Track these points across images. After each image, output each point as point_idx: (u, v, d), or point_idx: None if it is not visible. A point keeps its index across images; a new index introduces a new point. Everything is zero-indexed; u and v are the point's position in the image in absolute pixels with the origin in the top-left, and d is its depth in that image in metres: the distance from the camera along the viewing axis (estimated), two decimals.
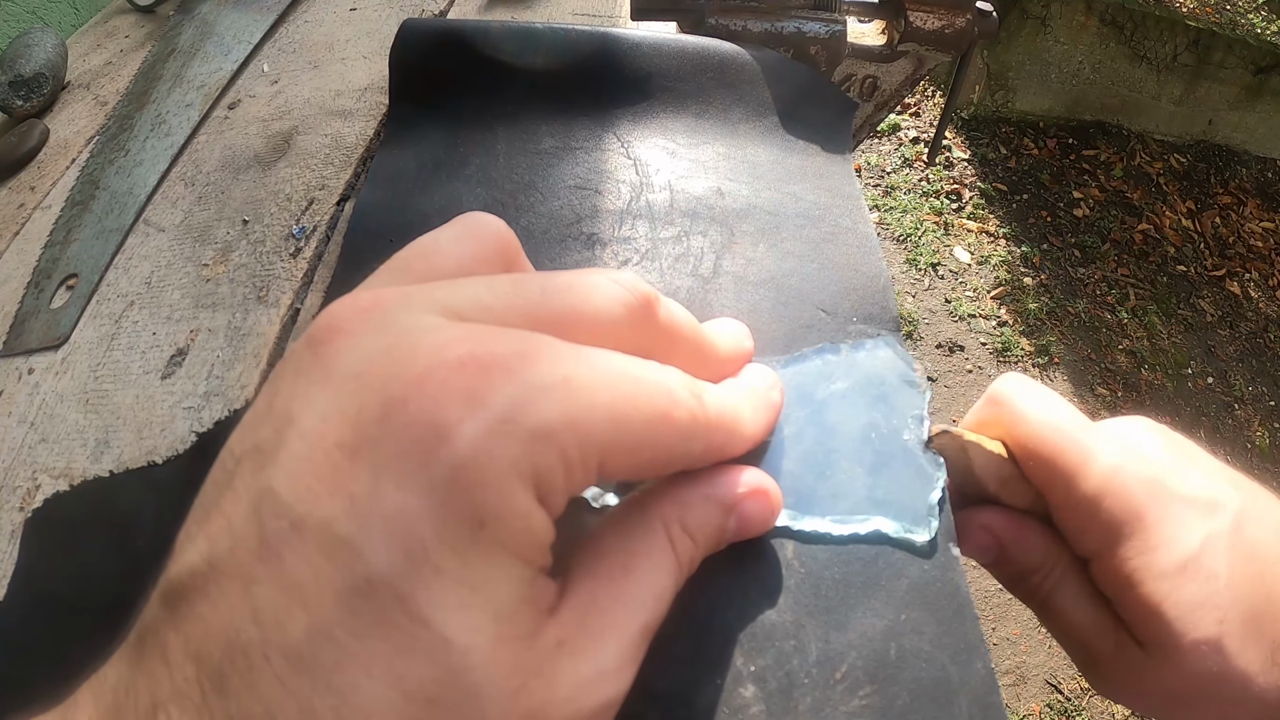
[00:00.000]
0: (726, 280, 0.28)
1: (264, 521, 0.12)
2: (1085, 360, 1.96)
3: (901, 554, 0.20)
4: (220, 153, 0.40)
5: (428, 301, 0.14)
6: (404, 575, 0.12)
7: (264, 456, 0.13)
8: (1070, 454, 0.21)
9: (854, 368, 0.23)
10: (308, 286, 0.32)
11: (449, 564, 0.12)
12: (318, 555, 0.12)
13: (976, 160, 2.39)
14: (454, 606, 0.12)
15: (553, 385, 0.13)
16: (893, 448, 0.21)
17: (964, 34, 0.45)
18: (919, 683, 0.18)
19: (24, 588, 0.24)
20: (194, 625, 0.12)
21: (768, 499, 0.18)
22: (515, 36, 0.35)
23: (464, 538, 0.12)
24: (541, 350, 0.14)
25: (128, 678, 0.12)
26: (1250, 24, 2.69)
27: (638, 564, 0.16)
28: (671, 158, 0.32)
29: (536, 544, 0.13)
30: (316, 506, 0.12)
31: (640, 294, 0.16)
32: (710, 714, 0.18)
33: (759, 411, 0.19)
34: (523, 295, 0.15)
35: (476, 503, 0.12)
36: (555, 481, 0.13)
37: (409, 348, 0.13)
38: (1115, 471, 0.21)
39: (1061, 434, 0.22)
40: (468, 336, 0.13)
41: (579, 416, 0.13)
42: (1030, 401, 0.22)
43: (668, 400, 0.15)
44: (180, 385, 0.29)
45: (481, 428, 0.12)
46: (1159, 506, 0.21)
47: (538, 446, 0.13)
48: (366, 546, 0.12)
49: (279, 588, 0.12)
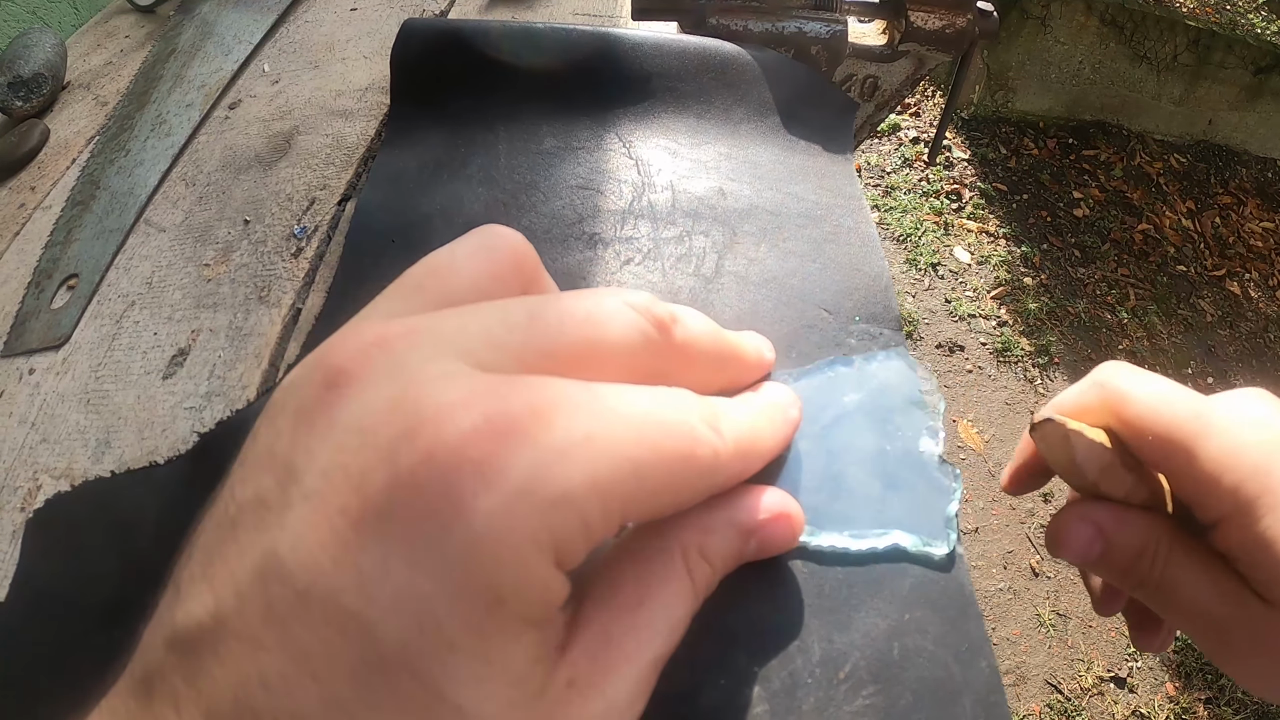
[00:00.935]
0: (728, 280, 0.28)
1: (269, 587, 0.12)
2: (1085, 360, 1.96)
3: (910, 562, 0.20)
4: (221, 153, 0.40)
5: (436, 343, 0.14)
6: (418, 652, 0.12)
7: (267, 512, 0.12)
8: (1187, 423, 0.21)
9: (867, 380, 0.23)
10: (309, 286, 0.32)
11: (465, 641, 0.12)
12: (326, 628, 0.12)
13: (976, 160, 2.39)
14: (470, 681, 0.12)
15: (573, 446, 0.12)
16: (908, 460, 0.21)
17: (964, 34, 0.45)
18: (923, 682, 0.18)
19: (25, 588, 0.24)
20: (205, 681, 0.12)
21: (789, 522, 0.18)
22: (516, 36, 0.35)
23: (479, 614, 0.12)
24: (559, 404, 0.13)
25: (136, 717, 0.12)
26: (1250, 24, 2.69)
27: (653, 594, 0.15)
28: (673, 158, 0.32)
29: (553, 606, 0.13)
30: (322, 578, 0.12)
31: (656, 318, 0.16)
32: (715, 714, 0.17)
33: (777, 427, 0.19)
34: (538, 330, 0.14)
35: (493, 579, 0.12)
36: (576, 545, 0.13)
37: (415, 405, 0.12)
38: (1236, 434, 0.20)
39: (1175, 405, 0.21)
40: (480, 394, 0.13)
41: (601, 476, 0.13)
42: (1137, 380, 0.22)
43: (690, 441, 0.14)
44: (181, 385, 0.29)
45: (498, 502, 0.12)
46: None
47: (559, 515, 0.12)
48: (378, 623, 0.11)
49: (287, 657, 0.11)
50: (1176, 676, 1.47)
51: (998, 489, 1.63)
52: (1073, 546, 0.22)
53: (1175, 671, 1.48)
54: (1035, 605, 1.50)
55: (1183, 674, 1.48)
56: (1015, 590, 1.51)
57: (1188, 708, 1.44)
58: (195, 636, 0.12)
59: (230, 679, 0.12)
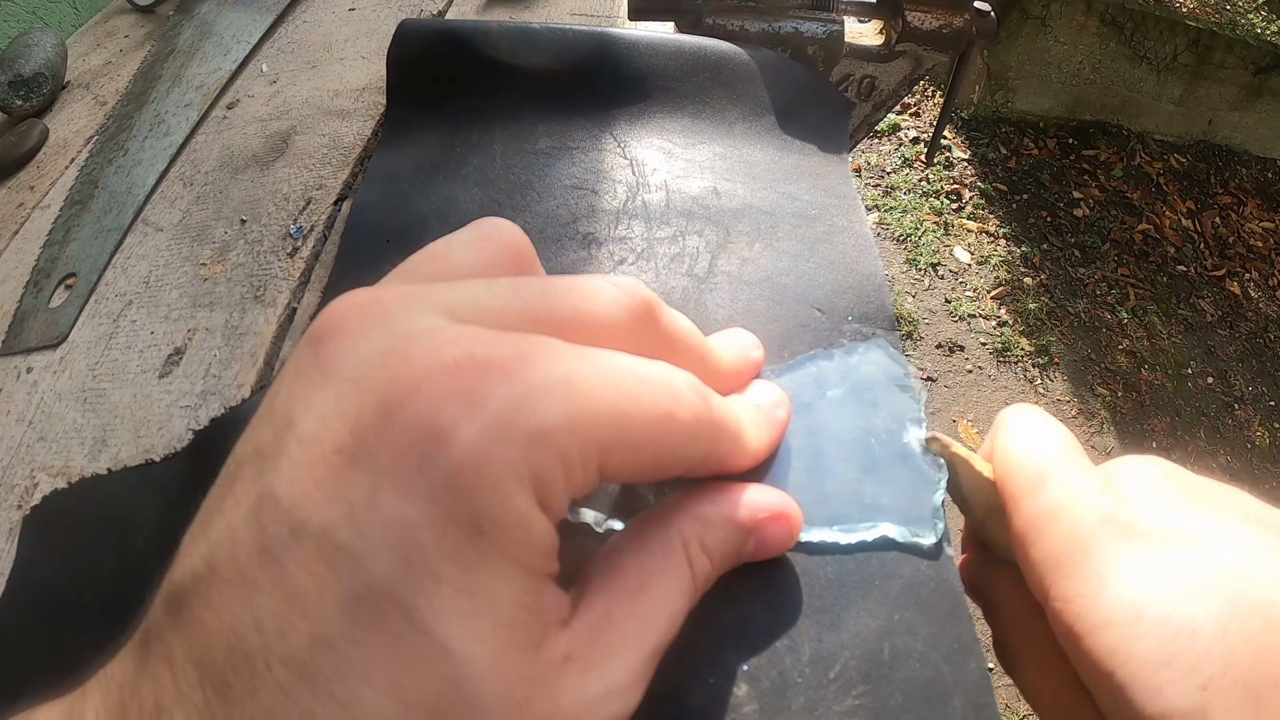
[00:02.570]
0: (722, 280, 0.28)
1: (264, 527, 0.12)
2: (1085, 360, 1.96)
3: (895, 554, 0.20)
4: (219, 152, 0.40)
5: (426, 302, 0.14)
6: (404, 583, 0.12)
7: (264, 460, 0.13)
8: (1025, 473, 0.19)
9: (849, 373, 0.23)
10: (305, 286, 0.32)
11: (449, 572, 0.12)
12: (318, 563, 0.12)
13: (976, 160, 2.39)
14: (455, 615, 0.12)
15: (552, 385, 0.13)
16: (892, 452, 0.21)
17: (962, 34, 0.45)
18: (912, 682, 0.18)
19: (22, 585, 0.24)
20: (196, 630, 0.12)
21: (789, 522, 0.18)
22: (513, 36, 0.35)
23: (463, 544, 0.12)
24: (541, 350, 0.13)
25: (133, 678, 0.12)
26: (1250, 24, 2.68)
27: (654, 582, 0.15)
28: (668, 158, 0.32)
29: (538, 549, 0.13)
30: (316, 513, 0.12)
31: (641, 298, 0.16)
32: (703, 713, 0.18)
33: (761, 427, 0.19)
34: (522, 297, 0.15)
35: (475, 508, 0.12)
36: (555, 483, 0.13)
37: (406, 349, 0.13)
38: (1069, 498, 0.18)
39: (1026, 455, 0.19)
40: (465, 337, 0.13)
41: (579, 416, 0.13)
42: (1016, 425, 0.20)
43: (671, 398, 0.15)
44: (178, 384, 0.29)
45: (478, 431, 0.12)
46: (1113, 539, 0.17)
47: (536, 448, 0.12)
48: (366, 554, 0.12)
49: (280, 595, 0.12)
50: None
51: None
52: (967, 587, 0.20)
53: None
54: None
55: None
56: None
57: None
58: (189, 587, 0.12)
59: (223, 625, 0.12)
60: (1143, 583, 0.16)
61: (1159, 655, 0.15)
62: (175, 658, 0.12)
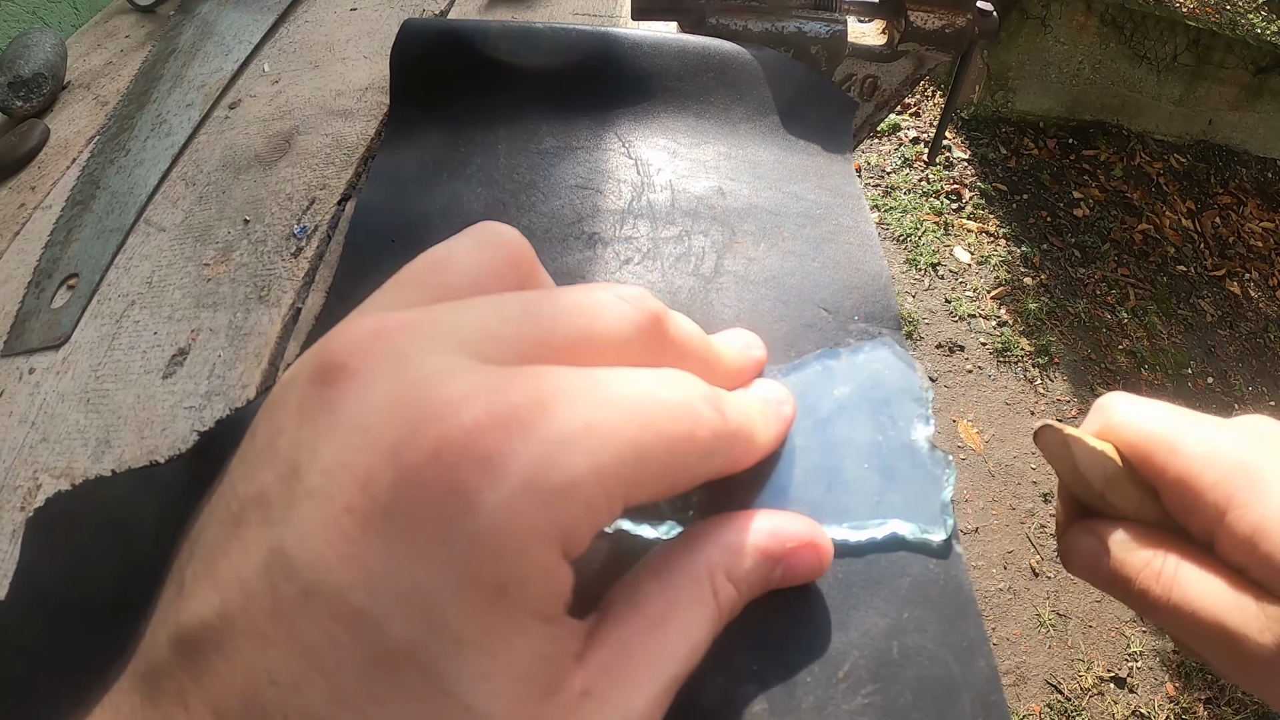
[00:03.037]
0: (728, 280, 0.28)
1: (276, 584, 0.12)
2: (1085, 360, 1.96)
3: (903, 552, 0.20)
4: (221, 152, 0.40)
5: (435, 335, 0.14)
6: (424, 647, 0.12)
7: (271, 509, 0.12)
8: (1165, 433, 0.20)
9: (855, 371, 0.23)
10: (309, 286, 0.32)
11: (470, 634, 0.12)
12: (332, 624, 0.12)
13: (976, 160, 2.39)
14: (476, 676, 0.12)
15: (575, 436, 0.13)
16: (900, 450, 0.21)
17: (964, 34, 0.45)
18: (922, 681, 0.18)
19: (25, 587, 0.24)
20: (211, 679, 0.12)
21: (817, 552, 0.18)
22: (516, 36, 0.35)
23: (485, 607, 0.12)
24: (559, 393, 0.13)
25: (142, 714, 0.12)
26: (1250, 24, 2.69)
27: (676, 614, 0.15)
28: (672, 157, 0.32)
29: (560, 598, 0.13)
30: (329, 575, 0.12)
31: (649, 311, 0.16)
32: (713, 713, 0.18)
33: (770, 422, 0.19)
34: (533, 321, 0.15)
35: (498, 570, 0.12)
36: (580, 532, 0.13)
37: (419, 401, 0.12)
38: (1212, 442, 0.20)
39: (1157, 419, 0.21)
40: (481, 391, 0.13)
41: (605, 464, 0.13)
42: (1129, 403, 0.22)
43: (691, 419, 0.15)
44: (181, 385, 0.29)
45: (503, 497, 0.12)
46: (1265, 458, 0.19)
47: (563, 505, 0.12)
48: (384, 619, 0.12)
49: (294, 653, 0.12)
50: (1176, 676, 1.47)
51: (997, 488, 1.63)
52: (1076, 559, 0.22)
53: (1175, 671, 1.48)
54: (1035, 605, 1.50)
55: (1183, 674, 1.48)
56: (1015, 590, 1.51)
57: (1188, 708, 1.44)
58: (201, 635, 0.12)
59: (238, 676, 0.12)
60: None
61: None
62: (190, 701, 0.12)
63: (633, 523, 0.19)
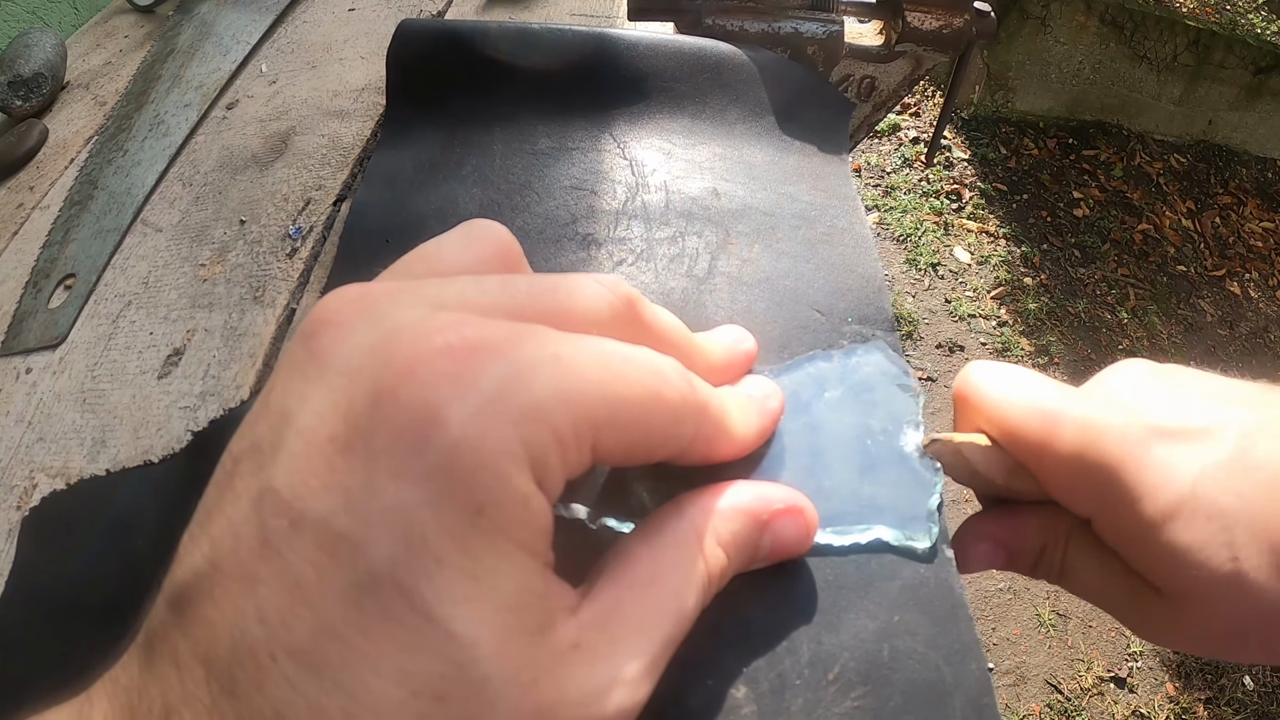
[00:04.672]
0: (721, 281, 0.28)
1: (264, 520, 0.12)
2: (1085, 360, 1.96)
3: (895, 555, 0.20)
4: (218, 153, 0.40)
5: (416, 296, 0.14)
6: (405, 568, 0.12)
7: (262, 455, 0.13)
8: (1035, 423, 0.20)
9: (847, 375, 0.23)
10: (304, 287, 0.32)
11: (450, 554, 0.12)
12: (318, 552, 0.12)
13: (976, 160, 2.39)
14: (458, 599, 0.12)
15: (542, 362, 0.13)
16: (889, 455, 0.21)
17: (962, 34, 0.45)
18: (912, 684, 0.18)
19: (21, 586, 0.24)
20: (200, 628, 0.12)
21: (802, 517, 0.18)
22: (512, 37, 0.35)
23: (463, 525, 0.12)
24: (530, 333, 0.14)
25: (139, 680, 0.12)
26: (1250, 24, 2.68)
27: (666, 573, 0.15)
28: (668, 158, 0.32)
29: (537, 530, 0.13)
30: (314, 502, 0.12)
31: (623, 294, 0.16)
32: (702, 715, 0.18)
33: (750, 414, 0.19)
34: (509, 293, 0.15)
35: (473, 487, 0.12)
36: (550, 461, 0.13)
37: (396, 338, 0.13)
38: (1084, 428, 0.20)
39: (1022, 407, 0.21)
40: (455, 322, 0.13)
41: (571, 392, 0.13)
42: (988, 386, 0.22)
43: (658, 379, 0.15)
44: (177, 385, 0.29)
45: (472, 409, 0.12)
46: (1138, 453, 0.20)
47: (530, 425, 0.13)
48: (366, 540, 0.12)
49: (282, 586, 0.12)
50: (1176, 676, 1.47)
51: None
52: (975, 562, 0.23)
53: (1175, 671, 1.48)
54: (1035, 605, 1.50)
55: (1183, 674, 1.48)
56: (1015, 590, 1.51)
57: (1188, 708, 1.44)
58: (192, 585, 0.12)
59: (226, 620, 0.12)
60: (1174, 484, 0.19)
61: (1196, 540, 0.19)
62: (181, 657, 0.12)
63: (617, 520, 0.19)
